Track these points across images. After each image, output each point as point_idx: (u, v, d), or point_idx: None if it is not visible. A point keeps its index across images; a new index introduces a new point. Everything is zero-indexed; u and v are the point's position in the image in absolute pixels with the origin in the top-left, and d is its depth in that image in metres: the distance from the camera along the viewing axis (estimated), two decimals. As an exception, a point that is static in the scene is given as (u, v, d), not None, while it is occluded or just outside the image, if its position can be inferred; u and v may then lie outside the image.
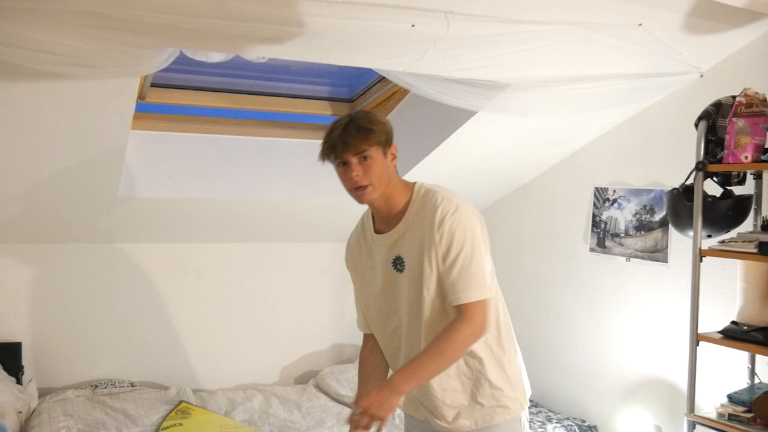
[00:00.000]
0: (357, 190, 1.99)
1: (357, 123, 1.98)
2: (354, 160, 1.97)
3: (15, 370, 3.50)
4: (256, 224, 3.96)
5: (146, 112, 3.51)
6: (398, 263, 2.07)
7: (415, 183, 2.12)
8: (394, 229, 2.07)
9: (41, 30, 2.14)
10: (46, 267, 3.72)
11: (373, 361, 2.24)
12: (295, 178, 3.79)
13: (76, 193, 3.29)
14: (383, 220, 2.11)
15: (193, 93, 3.61)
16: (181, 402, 3.63)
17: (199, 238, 3.98)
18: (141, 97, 3.35)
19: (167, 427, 3.27)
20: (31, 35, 2.15)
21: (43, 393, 3.59)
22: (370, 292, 2.18)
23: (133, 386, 3.76)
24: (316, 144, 3.84)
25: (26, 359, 3.62)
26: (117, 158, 3.11)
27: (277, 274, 4.25)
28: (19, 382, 3.47)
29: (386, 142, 2.03)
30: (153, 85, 3.42)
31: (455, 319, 1.96)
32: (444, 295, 2.00)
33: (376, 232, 2.13)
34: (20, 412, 3.25)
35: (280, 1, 2.21)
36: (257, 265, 4.19)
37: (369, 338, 2.27)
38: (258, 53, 2.63)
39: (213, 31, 2.36)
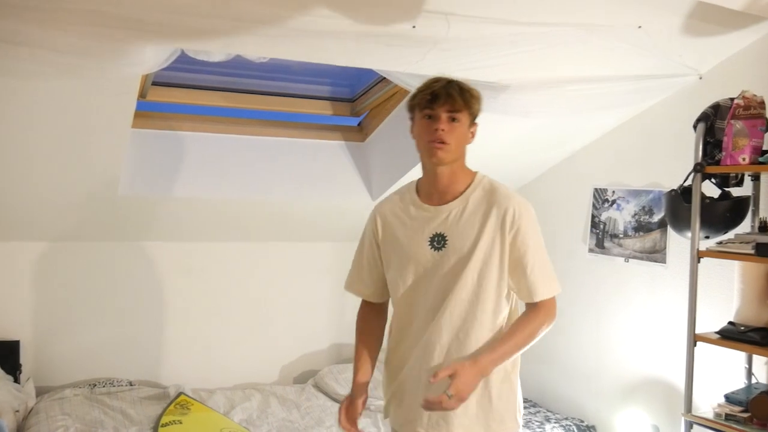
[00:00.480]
0: (435, 143, 2.00)
1: (459, 84, 2.03)
2: (444, 116, 1.99)
3: (13, 368, 3.50)
4: (256, 224, 3.98)
5: (147, 110, 3.52)
6: (437, 240, 2.05)
7: (477, 172, 2.14)
8: (446, 204, 2.07)
9: (45, 28, 2.17)
10: (45, 265, 3.72)
11: (372, 321, 2.28)
12: (296, 177, 3.81)
13: (75, 191, 3.30)
14: (434, 193, 2.10)
15: (194, 92, 3.62)
16: (180, 394, 3.64)
17: (200, 237, 3.99)
18: (142, 95, 3.35)
19: (166, 424, 3.29)
20: (34, 33, 2.18)
21: (41, 392, 3.57)
22: (393, 260, 2.14)
23: (131, 385, 3.76)
24: (317, 143, 3.95)
25: (24, 358, 3.62)
26: (117, 156, 3.13)
27: (277, 274, 4.27)
28: (16, 380, 3.46)
29: (474, 116, 2.07)
30: (154, 83, 3.43)
31: (533, 309, 2.05)
32: (493, 285, 2.02)
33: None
34: (17, 411, 3.24)
35: (282, 2, 2.25)
36: (257, 264, 4.20)
37: (366, 301, 2.30)
38: (259, 53, 2.66)
39: (214, 31, 2.38)
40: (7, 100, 2.62)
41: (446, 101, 1.99)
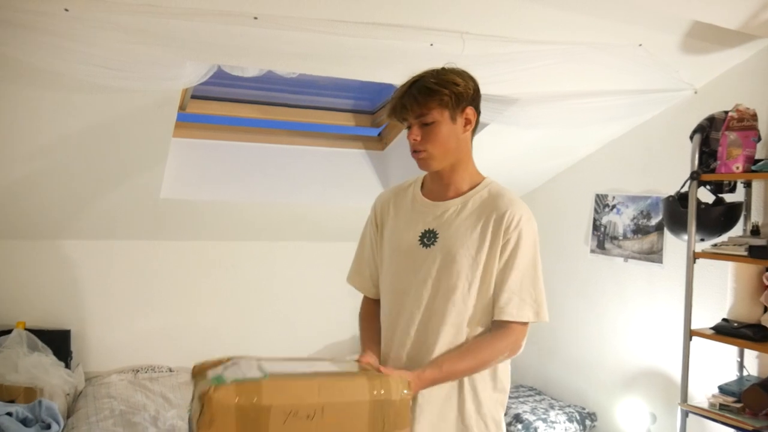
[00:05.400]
0: (414, 154, 1.72)
1: (422, 83, 1.68)
2: (415, 123, 1.69)
3: (64, 355, 3.52)
4: (283, 224, 3.96)
5: (187, 121, 3.52)
6: (428, 237, 1.75)
7: (486, 177, 1.81)
8: (445, 201, 1.76)
9: (92, 44, 2.17)
10: (95, 262, 3.73)
11: (376, 314, 1.94)
12: (319, 182, 3.80)
13: (122, 194, 3.31)
14: (435, 188, 1.80)
15: (229, 104, 3.62)
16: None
17: (232, 237, 3.99)
18: (182, 107, 3.36)
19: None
20: (85, 51, 2.18)
21: (89, 377, 3.60)
22: (387, 251, 1.86)
23: (171, 372, 3.77)
24: (340, 152, 3.93)
25: (74, 346, 3.64)
26: (159, 163, 3.14)
27: (302, 270, 4.25)
28: (67, 366, 3.48)
29: (456, 105, 1.69)
30: (193, 96, 3.43)
31: (495, 330, 1.70)
32: (472, 291, 1.70)
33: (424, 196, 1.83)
34: (68, 394, 3.27)
35: (310, 22, 2.23)
36: (285, 261, 4.19)
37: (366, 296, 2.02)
38: (289, 68, 2.65)
39: (248, 49, 2.38)
40: (63, 108, 2.62)
41: (404, 111, 1.69)
